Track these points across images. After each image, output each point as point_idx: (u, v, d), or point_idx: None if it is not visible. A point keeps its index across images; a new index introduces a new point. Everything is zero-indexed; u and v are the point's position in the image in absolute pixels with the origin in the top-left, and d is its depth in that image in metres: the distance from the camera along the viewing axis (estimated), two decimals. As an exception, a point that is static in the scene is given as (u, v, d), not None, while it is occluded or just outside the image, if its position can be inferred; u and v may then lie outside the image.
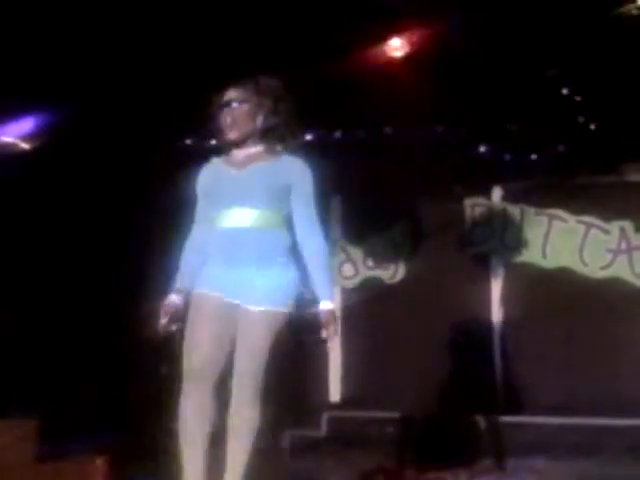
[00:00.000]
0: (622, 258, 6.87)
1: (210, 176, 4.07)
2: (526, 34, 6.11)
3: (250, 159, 3.99)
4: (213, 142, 6.23)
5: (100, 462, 4.64)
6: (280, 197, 3.94)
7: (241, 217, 3.92)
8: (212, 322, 3.87)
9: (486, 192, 7.19)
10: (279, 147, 4.01)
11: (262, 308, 3.84)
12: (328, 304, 3.89)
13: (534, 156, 6.90)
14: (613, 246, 6.89)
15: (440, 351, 6.85)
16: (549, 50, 6.27)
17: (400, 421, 6.70)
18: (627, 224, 6.87)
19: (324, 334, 3.87)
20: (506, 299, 7.05)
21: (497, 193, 7.17)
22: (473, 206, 7.22)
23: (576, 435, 6.39)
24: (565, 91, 6.68)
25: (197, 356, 3.84)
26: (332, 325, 3.86)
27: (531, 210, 7.06)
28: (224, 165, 4.04)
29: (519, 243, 7.06)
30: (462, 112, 6.77)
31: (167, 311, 3.94)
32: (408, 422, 6.72)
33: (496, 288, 7.11)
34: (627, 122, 6.50)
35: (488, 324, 7.07)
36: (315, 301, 3.94)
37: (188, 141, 7.10)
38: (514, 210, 7.10)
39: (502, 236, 7.13)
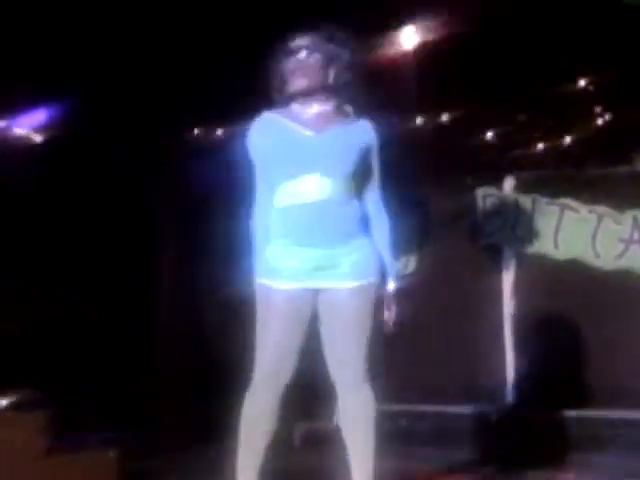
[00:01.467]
0: (635, 248, 6.81)
1: (274, 135, 3.63)
2: (538, 23, 6.08)
3: (322, 120, 3.65)
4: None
5: (113, 455, 4.62)
6: (359, 164, 3.64)
7: (323, 187, 3.56)
8: (284, 321, 3.61)
9: (498, 182, 7.14)
10: (348, 108, 3.71)
11: (353, 284, 3.62)
12: (391, 285, 3.73)
13: (546, 146, 6.88)
14: (626, 236, 6.83)
15: (451, 342, 6.84)
16: (561, 39, 6.23)
17: (413, 414, 6.69)
18: (639, 214, 6.82)
19: (385, 316, 3.72)
20: (518, 290, 7.01)
21: (509, 183, 7.11)
22: (485, 196, 7.18)
23: (592, 428, 6.33)
24: (577, 81, 6.65)
25: (269, 363, 3.62)
26: (392, 307, 3.71)
27: (543, 200, 7.00)
28: (289, 123, 3.64)
29: (531, 233, 7.01)
30: (474, 102, 6.75)
31: None
32: (421, 415, 6.72)
33: (507, 279, 7.06)
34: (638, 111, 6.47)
35: (499, 314, 7.03)
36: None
37: (201, 131, 7.08)
38: (526, 200, 7.04)
39: (514, 226, 7.08)
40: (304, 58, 3.62)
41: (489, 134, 6.99)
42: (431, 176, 6.94)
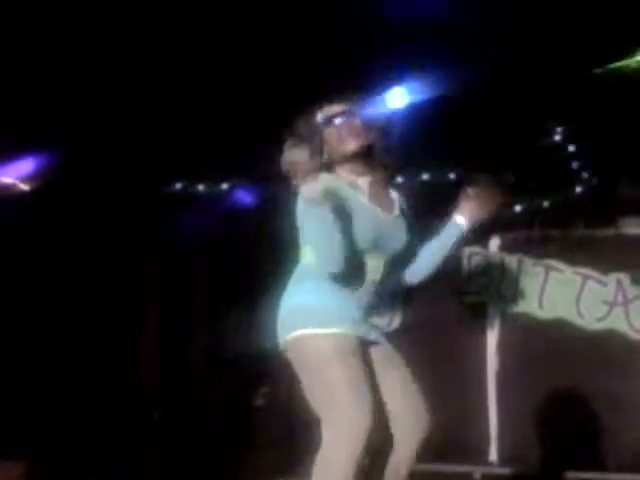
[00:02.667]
0: (618, 310, 6.85)
1: (344, 200, 3.43)
2: (523, 84, 6.16)
3: (385, 196, 3.63)
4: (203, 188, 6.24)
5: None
6: None
7: (381, 268, 3.57)
8: (365, 367, 3.44)
9: (484, 241, 7.19)
10: (389, 174, 3.69)
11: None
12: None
13: (532, 207, 6.93)
14: (610, 298, 6.87)
15: (434, 400, 6.80)
16: (547, 101, 6.31)
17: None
18: (623, 276, 6.85)
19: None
20: (502, 349, 7.02)
21: (495, 243, 7.16)
22: (470, 255, 7.22)
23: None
24: (564, 143, 6.72)
25: (371, 411, 3.35)
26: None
27: (528, 260, 7.05)
28: (357, 194, 3.52)
29: (516, 293, 7.04)
30: (460, 162, 6.81)
31: None
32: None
33: (492, 338, 7.08)
34: (624, 175, 6.54)
35: (483, 373, 7.04)
36: None
37: (182, 185, 7.15)
38: (511, 260, 7.09)
39: (499, 286, 7.11)
40: (345, 122, 3.55)
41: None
42: (417, 234, 6.98)
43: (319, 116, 3.60)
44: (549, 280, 7.01)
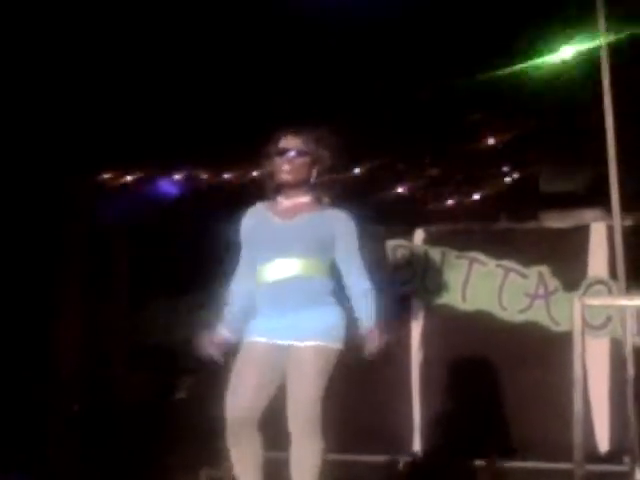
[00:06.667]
0: (539, 302, 6.95)
1: (253, 223, 4.18)
2: (450, 81, 6.23)
3: (296, 209, 4.12)
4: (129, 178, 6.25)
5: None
6: (325, 247, 4.11)
7: (287, 267, 4.05)
8: (258, 369, 4.07)
9: (408, 234, 7.24)
10: (325, 199, 4.17)
11: (313, 343, 4.04)
12: (369, 323, 4.29)
13: (456, 201, 7.01)
14: (531, 291, 6.97)
15: (357, 391, 6.85)
16: (472, 97, 6.39)
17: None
18: (545, 269, 6.95)
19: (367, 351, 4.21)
20: (426, 340, 7.09)
21: (419, 235, 7.22)
22: (395, 248, 7.27)
23: (498, 477, 6.43)
24: (487, 139, 6.81)
25: (240, 406, 4.05)
26: (375, 342, 4.21)
27: (452, 253, 7.12)
28: (268, 213, 4.16)
29: (440, 285, 7.11)
30: (386, 155, 6.86)
31: (214, 342, 4.15)
32: (327, 464, 6.70)
33: (416, 329, 7.14)
34: (546, 170, 6.64)
35: (407, 364, 7.10)
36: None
37: (105, 173, 7.10)
38: (435, 252, 7.16)
39: (423, 278, 7.18)
40: (293, 157, 4.09)
41: (401, 188, 7.10)
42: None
43: (280, 144, 4.14)
44: (472, 272, 7.09)
